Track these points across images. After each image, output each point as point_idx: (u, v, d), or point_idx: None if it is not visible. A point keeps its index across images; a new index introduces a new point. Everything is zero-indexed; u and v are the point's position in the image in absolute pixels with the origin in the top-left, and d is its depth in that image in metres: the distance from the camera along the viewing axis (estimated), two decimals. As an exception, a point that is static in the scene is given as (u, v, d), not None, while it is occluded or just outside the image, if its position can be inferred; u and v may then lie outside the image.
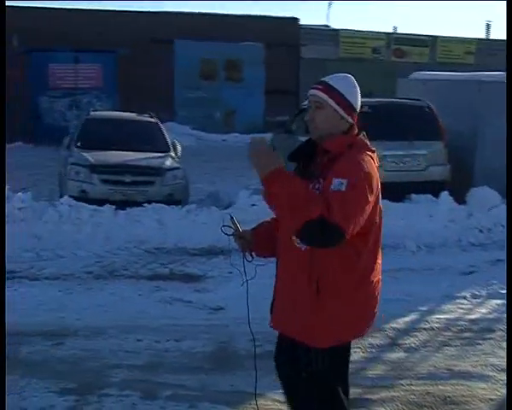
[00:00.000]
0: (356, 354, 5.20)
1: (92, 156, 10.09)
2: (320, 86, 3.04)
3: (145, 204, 9.15)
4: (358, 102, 3.08)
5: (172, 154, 11.05)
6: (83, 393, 4.64)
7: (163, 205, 9.15)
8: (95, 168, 9.90)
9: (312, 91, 3.05)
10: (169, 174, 10.22)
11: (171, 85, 23.25)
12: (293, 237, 2.94)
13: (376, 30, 26.71)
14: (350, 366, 3.40)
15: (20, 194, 8.70)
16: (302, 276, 3.00)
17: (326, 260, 2.93)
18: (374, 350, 5.53)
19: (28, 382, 4.79)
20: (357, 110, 3.08)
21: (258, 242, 3.36)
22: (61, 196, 9.53)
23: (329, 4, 43.27)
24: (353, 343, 3.45)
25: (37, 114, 22.29)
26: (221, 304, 6.53)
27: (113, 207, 8.98)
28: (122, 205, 9.15)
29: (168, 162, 10.53)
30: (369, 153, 3.01)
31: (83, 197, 9.40)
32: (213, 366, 5.19)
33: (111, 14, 22.55)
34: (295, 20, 24.79)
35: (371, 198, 2.86)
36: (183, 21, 22.83)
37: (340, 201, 2.73)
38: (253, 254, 3.38)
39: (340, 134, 3.02)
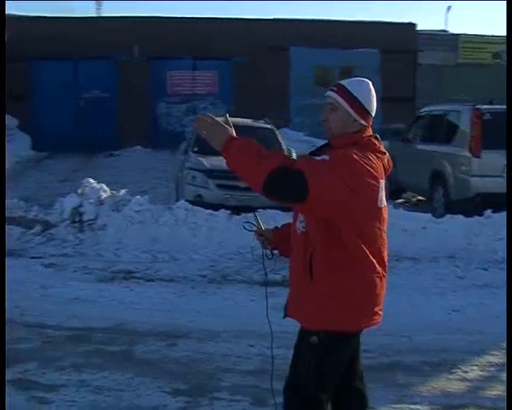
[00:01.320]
0: (473, 373, 4.99)
1: (208, 161, 10.20)
2: (336, 88, 3.13)
3: (260, 210, 9.13)
4: (372, 106, 3.13)
5: (287, 160, 11.00)
6: (194, 395, 4.67)
7: (277, 211, 9.11)
8: (211, 173, 10.03)
9: (328, 93, 3.15)
10: None
11: (286, 92, 23.32)
12: (296, 223, 3.10)
13: (498, 34, 25.76)
14: (467, 384, 3.23)
15: (138, 197, 8.93)
16: (299, 258, 3.11)
17: (315, 241, 3.01)
18: (493, 369, 5.25)
19: (142, 380, 4.88)
20: (372, 114, 3.13)
21: (278, 240, 3.49)
22: (178, 200, 9.71)
23: (448, 8, 41.79)
24: (470, 361, 3.27)
25: (156, 119, 22.99)
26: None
27: (228, 212, 9.04)
28: (236, 210, 9.19)
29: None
30: (377, 153, 3.06)
31: (198, 202, 9.54)
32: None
33: (227, 22, 22.89)
34: (412, 25, 24.24)
35: (346, 184, 2.82)
36: (299, 28, 22.83)
37: (307, 161, 2.88)
38: (274, 252, 3.51)
39: (348, 133, 3.09)
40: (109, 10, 48.01)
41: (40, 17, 23.44)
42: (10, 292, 6.94)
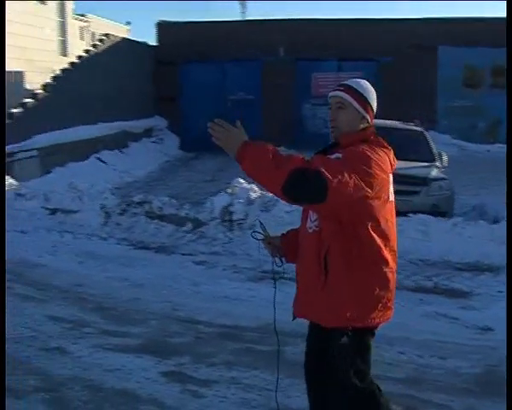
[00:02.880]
0: None
1: None
2: (342, 88, 3.23)
3: (410, 214, 8.92)
4: (375, 103, 3.27)
5: (438, 164, 10.69)
6: None
7: (428, 216, 8.87)
8: None
9: (334, 93, 3.24)
10: (434, 185, 9.91)
11: (433, 93, 22.67)
12: (308, 223, 3.16)
13: None
14: None
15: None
16: (312, 257, 3.14)
17: (329, 239, 3.04)
18: None
19: (292, 382, 4.86)
20: (375, 111, 3.26)
21: (286, 247, 3.50)
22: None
23: None
24: None
25: (300, 120, 23.11)
26: (489, 324, 6.11)
27: None
28: None
29: (433, 172, 10.21)
30: (383, 149, 3.12)
31: None
32: (482, 389, 4.87)
33: (373, 22, 22.59)
34: None
35: (363, 180, 2.85)
36: (447, 27, 22.12)
37: (323, 160, 2.87)
38: (283, 259, 3.54)
39: (356, 131, 3.18)
40: (254, 13, 49.11)
41: (189, 22, 24.27)
42: (163, 287, 7.23)
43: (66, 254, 8.67)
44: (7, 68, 35.29)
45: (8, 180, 11.80)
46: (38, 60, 38.88)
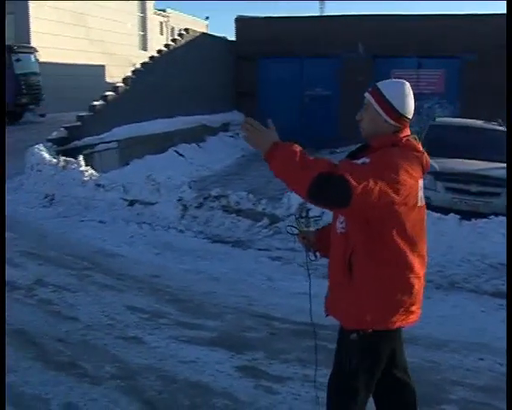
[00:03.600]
0: None
1: (437, 163, 9.82)
2: (370, 89, 3.20)
3: (491, 216, 8.65)
4: (407, 107, 3.13)
5: (521, 165, 10.34)
6: (421, 404, 4.38)
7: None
8: (439, 176, 9.68)
9: (365, 93, 3.22)
10: None
11: (517, 93, 21.95)
12: (336, 224, 3.15)
13: None
14: None
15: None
16: (339, 258, 3.15)
17: (355, 241, 3.05)
18: None
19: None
20: (406, 116, 3.13)
21: (320, 242, 3.50)
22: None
23: None
24: None
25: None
26: None
27: (458, 216, 8.64)
28: (467, 215, 8.75)
29: (516, 174, 9.89)
30: (415, 153, 3.08)
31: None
32: None
33: (455, 18, 22.02)
34: None
35: (389, 186, 2.83)
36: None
37: (349, 165, 2.87)
38: (317, 253, 3.55)
39: (386, 134, 3.12)
40: (332, 9, 48.77)
41: (268, 17, 24.29)
42: (238, 282, 7.24)
43: (143, 245, 8.80)
44: (90, 62, 36.28)
45: (89, 171, 12.09)
46: (119, 54, 39.79)
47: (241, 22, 24.37)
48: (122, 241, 8.99)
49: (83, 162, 12.57)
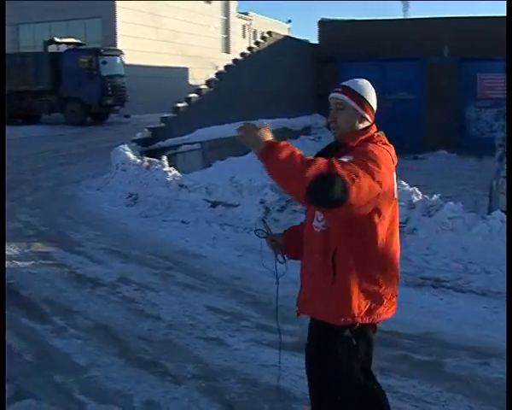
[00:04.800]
0: None
1: None
2: (340, 89, 3.26)
3: None
4: (375, 102, 3.32)
5: None
6: None
7: None
8: None
9: (333, 95, 3.26)
10: None
11: None
12: (314, 222, 3.17)
13: None
14: None
15: (451, 203, 8.58)
16: (319, 256, 3.15)
17: (337, 236, 3.07)
18: None
19: (452, 397, 4.68)
20: (374, 110, 3.31)
21: (289, 244, 3.55)
22: (491, 210, 9.18)
23: None
24: None
25: (464, 123, 22.23)
26: None
27: None
28: None
29: None
30: (385, 147, 3.15)
31: None
32: None
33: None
34: None
35: (376, 180, 2.89)
36: None
37: (343, 165, 2.83)
38: (285, 256, 3.56)
39: (359, 131, 3.21)
40: (416, 10, 47.91)
41: (351, 20, 24.10)
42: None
43: (225, 247, 8.85)
44: (173, 64, 36.90)
45: (172, 171, 12.27)
46: (202, 57, 40.31)
47: (325, 25, 24.26)
48: (204, 242, 9.07)
49: (166, 163, 12.79)
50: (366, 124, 3.27)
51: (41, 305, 6.65)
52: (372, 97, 3.32)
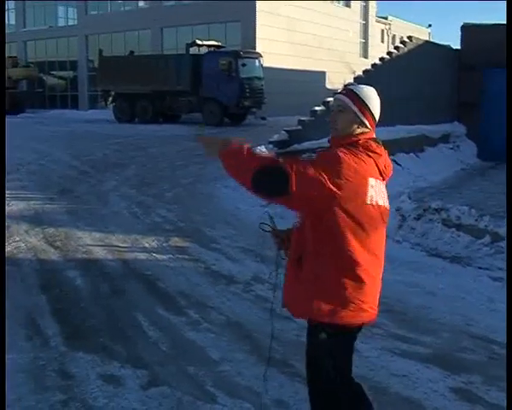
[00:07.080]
0: None
1: None
2: (344, 92, 3.32)
3: None
4: (378, 110, 3.31)
5: None
6: None
7: None
8: None
9: (338, 96, 3.33)
10: None
11: None
12: (297, 219, 3.31)
13: None
14: None
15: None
16: (292, 253, 3.35)
17: (306, 234, 3.19)
18: None
19: None
20: (376, 118, 3.31)
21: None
22: None
23: None
24: None
25: None
26: None
27: None
28: None
29: None
30: (370, 153, 3.17)
31: None
32: None
33: None
34: None
35: (328, 179, 2.96)
36: None
37: (292, 159, 3.00)
38: (288, 252, 3.51)
39: (348, 134, 3.24)
40: None
41: (496, 25, 23.14)
42: (456, 299, 6.97)
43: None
44: (311, 68, 37.10)
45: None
46: (340, 61, 40.21)
47: (468, 30, 23.43)
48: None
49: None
50: (364, 130, 3.28)
51: (177, 298, 6.87)
52: (374, 105, 3.31)
